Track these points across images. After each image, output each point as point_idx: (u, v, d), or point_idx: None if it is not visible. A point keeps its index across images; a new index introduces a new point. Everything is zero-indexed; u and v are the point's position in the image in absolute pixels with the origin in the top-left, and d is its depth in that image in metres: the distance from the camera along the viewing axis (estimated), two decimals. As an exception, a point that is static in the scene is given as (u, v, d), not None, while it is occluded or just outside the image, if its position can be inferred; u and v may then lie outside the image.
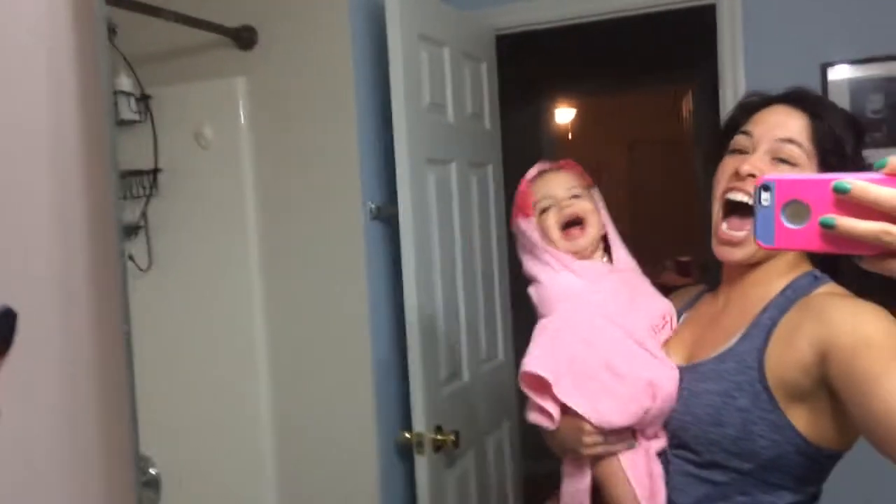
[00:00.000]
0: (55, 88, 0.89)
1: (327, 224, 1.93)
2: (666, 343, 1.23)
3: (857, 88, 2.12)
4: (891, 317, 1.01)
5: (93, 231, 0.84)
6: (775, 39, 2.19)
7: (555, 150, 4.83)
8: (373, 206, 1.93)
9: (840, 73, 2.13)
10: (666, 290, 1.42)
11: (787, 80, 1.27)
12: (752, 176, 1.09)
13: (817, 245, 0.63)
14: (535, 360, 1.19)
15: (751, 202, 1.10)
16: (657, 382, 1.13)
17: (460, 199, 2.14)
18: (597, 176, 1.41)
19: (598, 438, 1.16)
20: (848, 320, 1.00)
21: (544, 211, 1.29)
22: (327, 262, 1.93)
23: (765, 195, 0.65)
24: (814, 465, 1.08)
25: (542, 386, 1.19)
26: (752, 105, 1.19)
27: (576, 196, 1.30)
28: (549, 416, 1.19)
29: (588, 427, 1.16)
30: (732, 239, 1.14)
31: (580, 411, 1.15)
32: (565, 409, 1.18)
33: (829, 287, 1.12)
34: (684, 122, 4.62)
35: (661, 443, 1.17)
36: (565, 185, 1.31)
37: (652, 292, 1.30)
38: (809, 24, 2.18)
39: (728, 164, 1.15)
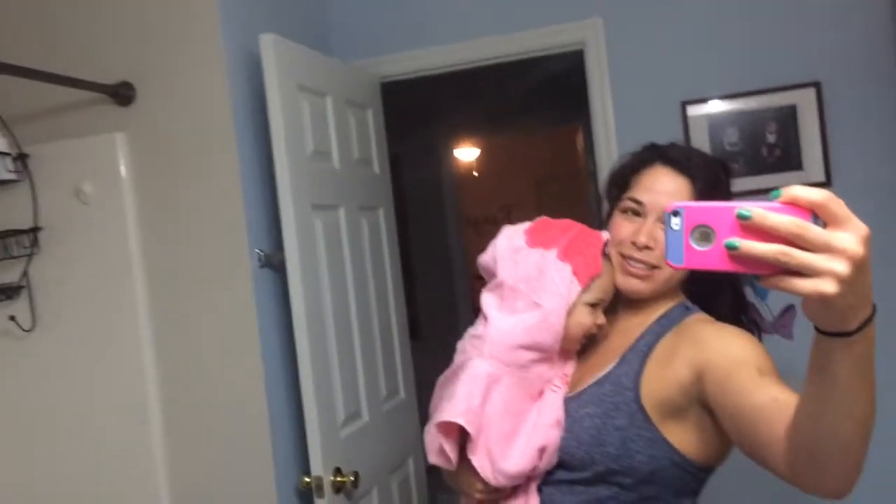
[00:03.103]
0: None
1: (216, 274, 1.93)
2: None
3: (714, 123, 2.29)
4: (755, 339, 1.16)
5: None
6: (639, 80, 2.35)
7: (459, 188, 4.95)
8: (261, 253, 1.96)
9: (698, 109, 2.30)
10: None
11: (652, 118, 1.39)
12: (648, 248, 1.22)
13: (722, 265, 0.69)
14: (464, 413, 1.18)
15: (645, 271, 1.23)
16: (548, 447, 1.19)
17: (350, 242, 2.19)
18: (507, 212, 1.45)
19: (491, 493, 1.23)
20: (721, 343, 1.13)
21: (592, 305, 1.25)
22: (218, 312, 1.93)
23: (674, 220, 0.71)
24: (688, 477, 1.18)
25: (453, 432, 1.21)
26: (639, 162, 1.30)
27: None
28: (448, 458, 1.22)
29: (481, 485, 1.22)
30: (639, 272, 1.24)
31: (482, 474, 1.19)
32: (464, 456, 1.22)
33: (700, 315, 1.25)
34: (580, 157, 4.81)
35: (539, 478, 1.23)
36: (612, 289, 1.28)
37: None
38: (669, 66, 2.35)
39: (623, 227, 1.26)
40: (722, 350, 1.11)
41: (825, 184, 2.21)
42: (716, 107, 2.30)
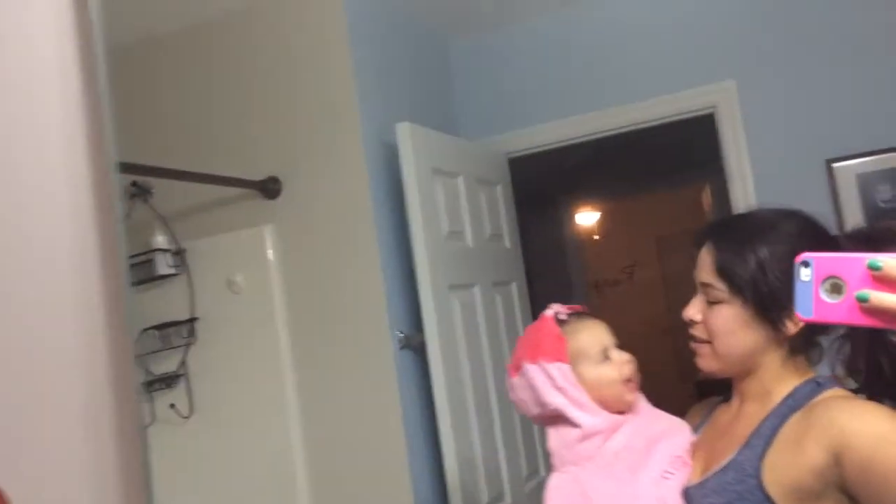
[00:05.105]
0: (79, 258, 1.04)
1: (359, 357, 1.97)
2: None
3: (864, 181, 2.16)
4: None
5: (115, 385, 0.92)
6: (778, 140, 2.26)
7: (583, 252, 4.89)
8: (401, 335, 1.99)
9: (846, 167, 2.18)
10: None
11: (793, 177, 1.33)
12: (693, 322, 1.22)
13: (852, 318, 0.66)
14: None
15: (699, 348, 1.22)
16: None
17: (486, 319, 2.19)
18: (630, 270, 1.41)
19: None
20: (860, 421, 1.02)
21: (598, 359, 1.26)
22: (362, 395, 1.96)
23: (804, 271, 0.69)
24: None
25: None
26: (696, 246, 1.27)
27: (618, 346, 1.28)
28: None
29: None
30: (695, 348, 1.23)
31: None
32: None
33: (834, 391, 1.13)
34: (706, 215, 4.66)
35: None
36: (608, 333, 1.29)
37: (667, 427, 1.28)
38: (811, 121, 2.25)
39: None
40: (860, 428, 0.99)
41: None
42: (865, 163, 2.17)
